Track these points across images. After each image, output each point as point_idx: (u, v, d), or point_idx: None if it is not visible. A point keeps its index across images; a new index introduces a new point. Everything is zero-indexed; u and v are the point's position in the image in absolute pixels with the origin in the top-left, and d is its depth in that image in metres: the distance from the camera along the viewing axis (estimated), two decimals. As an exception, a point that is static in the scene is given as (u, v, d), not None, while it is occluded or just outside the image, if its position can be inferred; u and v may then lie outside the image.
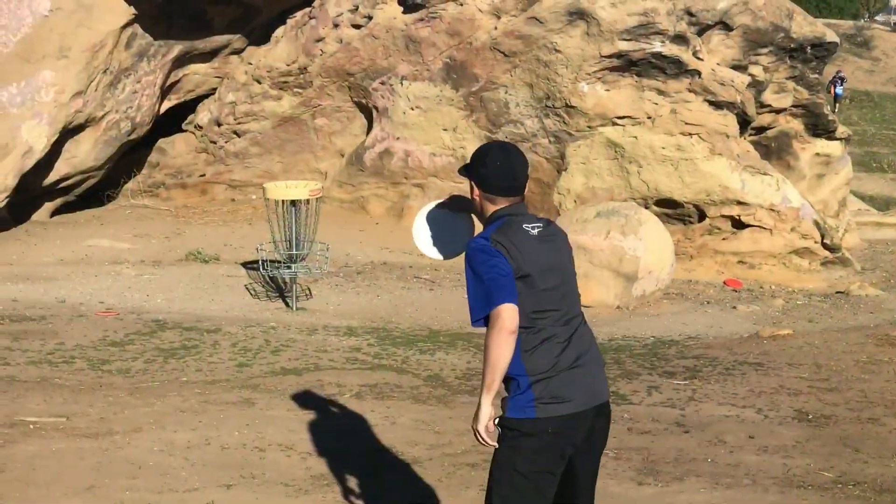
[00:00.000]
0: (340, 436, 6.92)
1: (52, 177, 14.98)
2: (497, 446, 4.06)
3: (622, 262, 12.42)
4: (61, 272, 12.36)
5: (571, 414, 4.07)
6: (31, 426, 6.89)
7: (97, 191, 16.14)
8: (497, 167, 4.15)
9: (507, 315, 3.91)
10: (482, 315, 3.99)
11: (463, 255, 4.23)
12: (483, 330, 4.05)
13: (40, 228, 14.82)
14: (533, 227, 4.15)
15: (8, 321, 9.99)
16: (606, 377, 4.34)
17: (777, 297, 13.54)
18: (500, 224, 4.11)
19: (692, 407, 8.03)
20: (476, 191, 4.21)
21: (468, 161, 4.29)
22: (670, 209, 15.06)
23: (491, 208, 4.17)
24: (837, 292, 14.17)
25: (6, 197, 13.99)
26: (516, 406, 4.05)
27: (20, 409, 7.23)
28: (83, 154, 15.08)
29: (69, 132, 14.68)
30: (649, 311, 12.45)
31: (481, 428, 4.03)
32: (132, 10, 14.66)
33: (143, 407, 7.44)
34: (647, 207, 14.44)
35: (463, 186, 15.03)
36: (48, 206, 15.52)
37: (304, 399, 7.78)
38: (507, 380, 4.07)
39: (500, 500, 4.11)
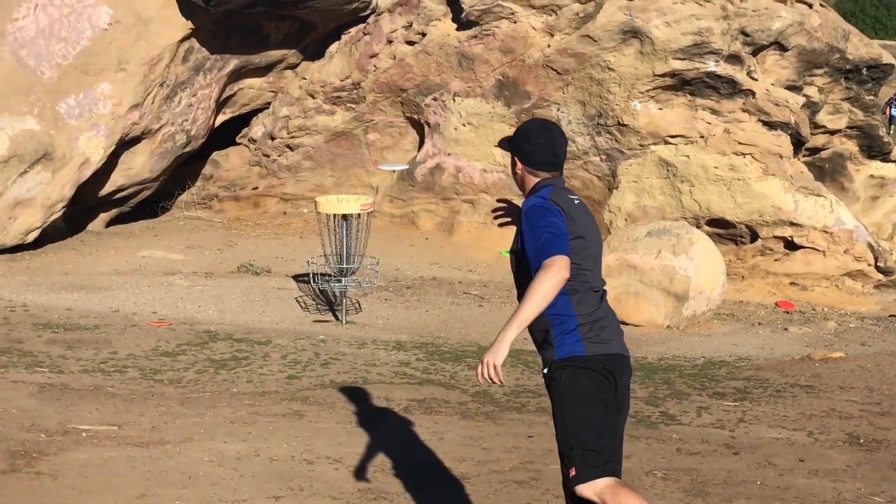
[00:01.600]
0: (388, 450, 6.93)
1: (108, 188, 15.17)
2: (500, 383, 4.20)
3: (673, 282, 12.36)
4: (115, 282, 12.50)
5: (613, 354, 4.34)
6: (84, 434, 6.96)
7: (151, 202, 16.32)
8: (540, 144, 4.46)
9: (562, 263, 4.16)
10: (538, 265, 4.21)
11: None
12: None
13: (95, 238, 15.00)
14: (574, 198, 4.46)
15: (62, 330, 10.12)
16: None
17: (829, 320, 13.41)
18: (551, 189, 4.40)
19: (742, 429, 7.97)
20: (518, 165, 4.50)
21: (511, 135, 4.58)
22: (722, 229, 14.96)
23: (533, 180, 4.49)
24: (890, 315, 14.01)
25: (63, 207, 14.17)
26: (564, 346, 4.31)
27: (73, 417, 7.31)
28: (139, 166, 15.26)
29: (125, 144, 14.86)
30: (700, 331, 12.37)
31: (498, 361, 4.12)
32: (190, 24, 14.83)
33: (194, 417, 7.49)
34: (698, 227, 14.36)
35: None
36: (103, 217, 15.71)
37: (353, 412, 7.80)
38: (553, 324, 4.31)
39: (576, 439, 4.27)
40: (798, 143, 15.85)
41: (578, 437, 4.25)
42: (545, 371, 4.36)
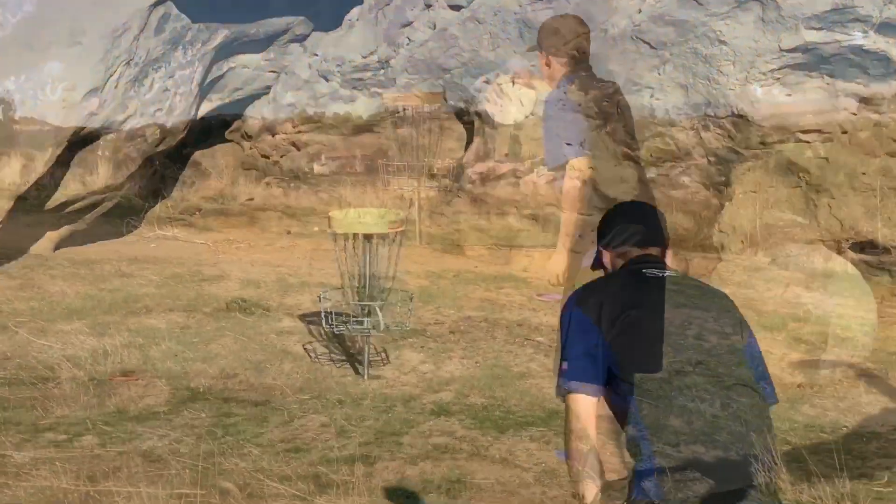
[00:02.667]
0: (425, 547, 6.98)
1: (58, 198, 15.33)
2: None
3: (805, 326, 12.35)
4: (67, 323, 12.62)
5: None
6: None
7: (114, 217, 16.48)
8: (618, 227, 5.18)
9: (578, 408, 4.92)
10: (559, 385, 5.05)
11: None
12: None
13: (40, 264, 15.14)
14: (660, 272, 4.84)
15: (-3, 385, 10.23)
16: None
17: None
18: (605, 276, 5.16)
19: (897, 522, 7.96)
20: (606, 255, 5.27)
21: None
22: (872, 256, 14.92)
23: (619, 263, 5.16)
24: None
25: (-2, 223, 14.38)
26: (637, 483, 4.66)
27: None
28: (98, 169, 15.42)
29: (81, 141, 15.04)
30: (840, 391, 12.34)
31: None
32: (165, -17, 15.05)
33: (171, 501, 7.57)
34: (840, 253, 14.33)
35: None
36: (51, 236, 15.86)
37: (377, 497, 7.84)
38: (627, 440, 4.79)
39: None
40: (974, 140, 15.80)
41: None
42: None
